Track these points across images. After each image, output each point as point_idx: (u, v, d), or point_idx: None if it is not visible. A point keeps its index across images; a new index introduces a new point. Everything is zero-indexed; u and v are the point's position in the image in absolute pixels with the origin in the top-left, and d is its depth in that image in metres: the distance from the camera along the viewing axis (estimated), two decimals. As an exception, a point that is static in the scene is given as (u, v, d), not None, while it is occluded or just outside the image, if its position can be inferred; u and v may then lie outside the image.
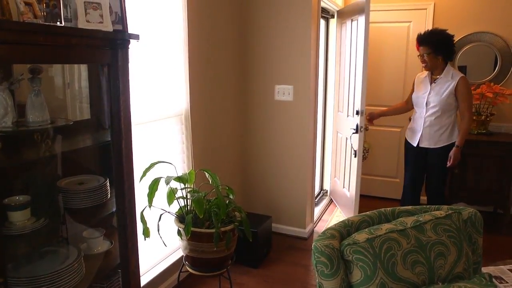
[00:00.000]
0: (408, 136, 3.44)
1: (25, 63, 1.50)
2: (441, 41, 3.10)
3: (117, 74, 1.67)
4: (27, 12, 1.35)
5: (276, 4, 3.42)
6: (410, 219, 1.62)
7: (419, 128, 3.28)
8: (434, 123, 3.18)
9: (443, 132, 3.18)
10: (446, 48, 3.12)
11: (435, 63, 3.13)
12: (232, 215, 2.49)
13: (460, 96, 3.09)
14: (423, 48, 3.12)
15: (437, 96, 3.12)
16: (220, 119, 3.37)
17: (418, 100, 3.28)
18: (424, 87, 3.24)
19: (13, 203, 1.55)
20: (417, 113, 3.30)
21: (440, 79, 3.14)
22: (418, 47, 3.16)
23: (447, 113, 3.15)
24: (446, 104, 3.11)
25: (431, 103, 3.16)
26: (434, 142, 3.22)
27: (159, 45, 2.60)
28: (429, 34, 3.15)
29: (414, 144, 3.31)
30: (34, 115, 1.60)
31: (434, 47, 3.09)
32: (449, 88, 3.08)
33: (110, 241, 1.96)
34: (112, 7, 1.80)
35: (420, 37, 3.16)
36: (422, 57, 3.13)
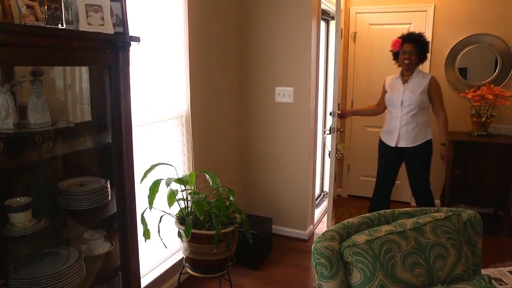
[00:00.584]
0: (384, 138, 3.51)
1: (26, 65, 1.51)
2: (426, 43, 3.28)
3: (118, 76, 1.68)
4: (29, 15, 1.36)
5: (276, 6, 3.43)
6: (410, 221, 1.63)
7: (395, 128, 3.36)
8: (410, 121, 3.28)
9: (419, 130, 3.29)
10: (426, 51, 3.30)
11: (414, 63, 3.28)
12: (232, 216, 2.50)
13: (433, 94, 3.26)
14: (410, 46, 3.23)
15: (412, 95, 3.24)
16: (220, 121, 3.37)
17: (392, 101, 3.36)
18: (397, 88, 3.35)
19: (14, 205, 1.55)
20: (393, 113, 3.38)
21: (413, 79, 3.28)
22: (400, 45, 3.27)
23: (422, 111, 3.28)
24: (421, 102, 3.24)
25: (406, 101, 3.27)
26: (411, 140, 3.31)
27: (160, 47, 2.61)
28: (418, 35, 3.28)
29: (393, 145, 3.39)
30: (35, 117, 1.60)
31: (419, 47, 3.25)
32: (422, 87, 3.23)
33: (110, 242, 1.96)
34: (113, 9, 1.81)
35: (410, 36, 3.28)
36: (408, 54, 3.23)
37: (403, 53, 3.25)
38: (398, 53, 3.32)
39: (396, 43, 3.29)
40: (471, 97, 3.96)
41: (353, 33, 4.59)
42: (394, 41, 3.31)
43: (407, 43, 3.24)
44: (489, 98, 3.85)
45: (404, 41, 3.26)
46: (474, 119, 4.02)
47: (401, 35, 3.31)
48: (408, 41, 3.24)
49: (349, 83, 4.70)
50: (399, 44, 3.27)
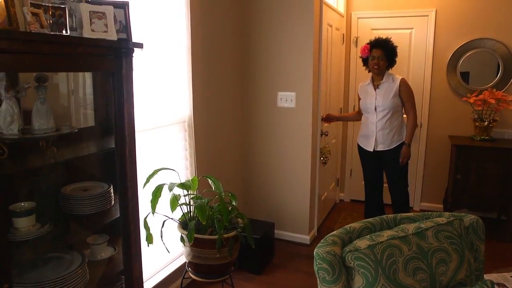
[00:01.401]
0: (362, 143, 3.59)
1: (31, 71, 1.53)
2: (393, 48, 3.36)
3: (121, 82, 1.69)
4: (34, 22, 1.38)
5: (278, 13, 3.45)
6: (412, 226, 1.63)
7: (372, 133, 3.45)
8: (385, 126, 3.37)
9: (394, 132, 3.38)
10: (394, 56, 3.38)
11: (383, 68, 3.35)
12: (234, 221, 2.51)
13: (404, 96, 3.33)
14: (378, 51, 3.31)
15: (385, 99, 3.32)
16: (222, 126, 3.39)
17: (367, 107, 3.45)
18: (369, 94, 3.43)
19: (19, 210, 1.56)
20: (368, 119, 3.47)
21: (383, 83, 3.36)
22: (368, 51, 3.35)
23: (395, 114, 3.36)
24: (394, 106, 3.32)
25: (380, 107, 3.35)
26: (388, 144, 3.40)
27: (162, 53, 2.63)
28: (385, 40, 3.37)
29: (371, 150, 3.48)
30: (39, 123, 1.62)
31: (387, 52, 3.33)
32: (394, 90, 3.31)
33: (113, 247, 1.97)
34: (117, 16, 1.83)
35: (377, 41, 3.37)
36: (377, 59, 3.31)
37: (372, 59, 3.33)
38: (367, 59, 3.40)
39: (364, 49, 3.38)
40: (473, 101, 3.96)
41: (355, 38, 4.61)
42: (362, 47, 3.40)
43: (375, 48, 3.33)
44: (492, 102, 3.85)
45: (372, 47, 3.35)
46: (477, 123, 4.02)
47: (369, 41, 3.41)
48: (376, 46, 3.33)
49: (351, 88, 4.71)
50: (367, 50, 3.36)
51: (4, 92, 1.49)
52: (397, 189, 3.49)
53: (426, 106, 4.41)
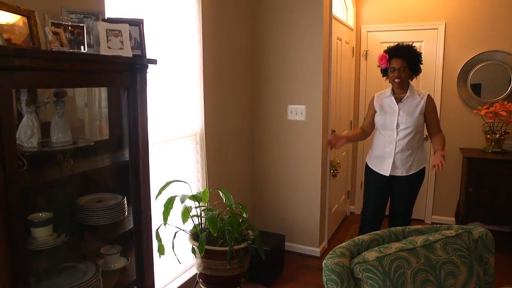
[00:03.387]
0: (374, 165, 3.08)
1: (51, 87, 1.59)
2: (417, 56, 2.87)
3: (135, 97, 1.75)
4: (54, 41, 1.45)
5: (289, 26, 3.51)
6: (420, 238, 1.64)
7: (389, 154, 2.94)
8: (406, 147, 2.88)
9: (415, 156, 2.92)
10: (419, 64, 2.89)
11: (406, 79, 2.88)
12: (245, 233, 2.53)
13: (431, 115, 2.90)
14: (399, 62, 2.82)
15: (409, 116, 2.85)
16: (233, 139, 3.44)
17: (386, 123, 2.94)
18: (391, 108, 2.94)
19: (37, 220, 1.62)
20: (385, 137, 2.95)
21: (408, 97, 2.89)
22: (386, 61, 2.87)
23: (418, 135, 2.91)
24: (418, 124, 2.87)
25: (403, 124, 2.87)
26: (406, 169, 2.93)
27: (175, 68, 2.69)
28: (407, 47, 2.87)
29: (386, 174, 2.96)
30: (57, 136, 1.68)
31: (410, 61, 2.84)
32: (420, 107, 2.85)
33: (126, 257, 2.01)
34: (132, 33, 1.91)
35: (398, 49, 2.87)
36: (398, 71, 2.82)
37: (392, 70, 2.85)
38: (386, 70, 2.93)
39: (382, 58, 2.89)
40: (484, 114, 3.95)
41: (364, 51, 4.65)
42: (380, 56, 2.91)
43: (395, 58, 2.84)
44: (503, 115, 3.83)
45: (391, 57, 2.86)
46: (488, 136, 4.00)
47: (387, 49, 2.92)
48: (395, 56, 2.84)
49: (361, 101, 4.73)
50: (385, 60, 2.87)
51: (25, 107, 1.56)
52: (403, 219, 3.04)
53: (436, 119, 4.40)
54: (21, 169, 1.50)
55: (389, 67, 2.86)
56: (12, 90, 1.29)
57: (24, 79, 1.32)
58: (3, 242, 1.28)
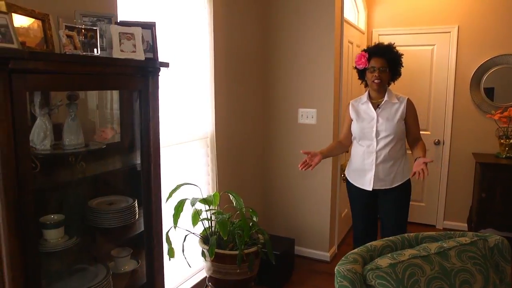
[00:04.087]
0: (355, 180, 2.73)
1: (65, 90, 1.60)
2: (398, 57, 2.59)
3: (147, 100, 1.76)
4: (68, 44, 1.46)
5: (300, 30, 3.50)
6: (434, 245, 1.62)
7: (369, 166, 2.61)
8: (388, 157, 2.57)
9: (398, 166, 2.60)
10: (399, 66, 2.62)
11: (386, 82, 2.60)
12: (255, 237, 2.52)
13: (411, 120, 2.60)
14: (380, 61, 2.52)
15: (389, 123, 2.55)
16: (244, 142, 3.43)
17: (364, 132, 2.62)
18: (368, 115, 2.62)
19: (48, 222, 1.62)
20: (364, 147, 2.63)
21: (386, 102, 2.59)
22: (366, 60, 2.56)
23: (400, 142, 2.60)
24: (399, 131, 2.56)
25: (383, 132, 2.55)
26: (389, 181, 2.60)
27: (186, 71, 2.70)
28: (388, 46, 2.59)
29: (368, 188, 2.63)
30: (70, 138, 1.70)
31: (391, 61, 2.56)
32: (400, 112, 2.56)
33: (136, 260, 2.01)
34: (144, 36, 1.91)
35: (378, 48, 2.59)
36: (378, 72, 2.51)
37: (372, 71, 2.54)
38: (364, 71, 2.61)
39: (361, 57, 2.58)
40: (498, 118, 3.90)
41: (376, 55, 4.61)
42: (358, 56, 2.59)
43: (375, 57, 2.54)
44: (517, 119, 3.78)
45: (371, 55, 2.56)
46: (502, 141, 3.94)
47: (366, 48, 2.64)
48: (376, 54, 2.55)
49: (372, 104, 4.69)
50: (365, 59, 2.57)
51: (38, 109, 1.57)
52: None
53: (448, 123, 4.35)
54: (34, 171, 1.51)
55: (368, 67, 2.56)
56: (26, 92, 1.30)
57: (38, 82, 1.33)
58: (16, 243, 1.28)
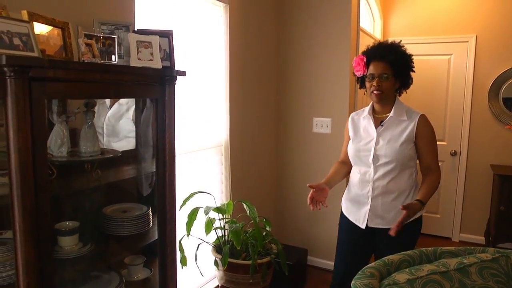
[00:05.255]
0: (348, 211, 2.25)
1: (82, 98, 1.62)
2: (406, 59, 2.05)
3: (164, 108, 1.76)
4: (87, 52, 1.47)
5: (315, 38, 3.49)
6: (453, 261, 1.57)
7: (364, 198, 2.11)
8: (388, 188, 2.03)
9: (404, 200, 2.03)
10: (408, 71, 2.07)
11: (390, 93, 2.05)
12: (268, 247, 2.50)
13: (424, 144, 2.02)
14: (380, 66, 1.99)
15: (390, 145, 2.00)
16: (258, 150, 3.42)
17: (359, 155, 2.11)
18: (366, 133, 2.11)
19: (63, 228, 1.63)
20: (360, 174, 2.13)
21: (391, 118, 2.04)
22: (364, 66, 2.04)
23: (406, 171, 2.04)
24: (405, 157, 2.00)
25: (382, 157, 2.02)
26: (391, 219, 2.02)
27: (201, 79, 2.71)
28: (391, 46, 2.05)
29: (361, 225, 2.12)
30: (86, 146, 1.70)
31: (396, 65, 2.00)
32: (407, 132, 2.00)
33: (149, 268, 2.00)
34: (161, 44, 1.92)
35: (378, 49, 2.04)
36: (379, 79, 1.99)
37: (370, 78, 2.02)
38: (363, 78, 2.10)
39: (358, 62, 2.06)
40: (517, 129, 3.83)
41: (391, 64, 4.57)
42: (356, 60, 2.07)
43: (374, 61, 2.02)
44: (537, 131, 3.70)
45: (370, 59, 2.04)
46: (521, 152, 3.86)
47: (365, 49, 2.09)
48: (375, 58, 2.02)
49: (387, 114, 4.64)
50: (363, 64, 2.04)
51: (56, 116, 1.58)
52: None
53: (465, 134, 4.28)
54: (50, 178, 1.52)
55: (366, 74, 2.04)
56: (45, 100, 1.31)
57: (57, 89, 1.34)
58: (32, 250, 1.28)
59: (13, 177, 1.22)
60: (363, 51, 2.10)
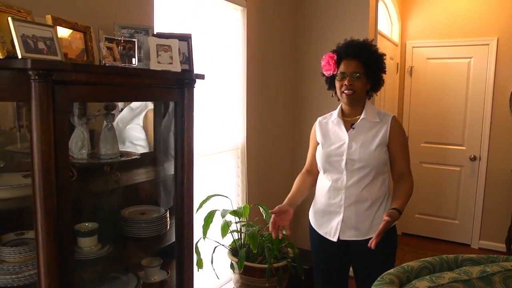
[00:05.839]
0: (317, 225, 2.05)
1: (103, 101, 1.64)
2: (378, 58, 1.93)
3: (183, 111, 1.76)
4: (108, 55, 1.49)
5: (332, 42, 3.46)
6: (476, 269, 1.54)
7: (336, 208, 1.92)
8: (362, 196, 1.85)
9: (378, 209, 1.88)
10: (380, 71, 1.94)
11: (362, 93, 1.90)
12: (284, 251, 2.49)
13: (398, 148, 1.88)
14: (352, 65, 1.87)
15: (364, 149, 1.85)
16: (274, 155, 3.41)
17: (330, 160, 1.92)
18: (337, 137, 1.94)
19: (83, 230, 1.65)
20: (330, 181, 1.93)
21: (362, 121, 1.91)
22: (334, 64, 1.92)
23: (380, 177, 1.89)
24: (380, 162, 1.86)
25: (356, 162, 1.85)
26: (365, 230, 1.87)
27: (219, 82, 2.72)
28: (363, 44, 1.93)
29: (332, 238, 1.92)
30: (106, 148, 1.72)
31: (368, 64, 1.88)
32: (380, 135, 1.86)
33: (166, 271, 2.01)
34: (180, 48, 1.93)
35: (350, 47, 1.92)
36: (350, 79, 1.85)
37: (341, 77, 1.89)
38: (333, 78, 1.95)
39: (328, 60, 1.94)
40: (540, 135, 3.73)
41: (409, 68, 4.52)
42: (325, 58, 1.96)
43: (346, 59, 1.90)
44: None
45: (340, 57, 1.93)
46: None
47: (336, 47, 1.98)
48: (347, 56, 1.90)
49: (405, 119, 4.59)
50: (333, 63, 1.92)
51: (77, 119, 1.60)
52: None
53: (485, 139, 4.20)
54: (71, 179, 1.54)
55: (337, 73, 1.91)
56: (67, 103, 1.32)
57: (78, 92, 1.36)
58: (53, 251, 1.30)
59: (36, 178, 1.23)
60: (333, 49, 1.99)
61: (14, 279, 1.36)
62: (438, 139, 4.43)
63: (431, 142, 4.47)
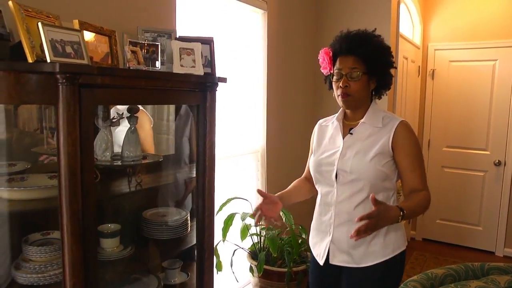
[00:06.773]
0: (311, 242, 1.79)
1: (127, 104, 1.66)
2: (382, 51, 1.62)
3: (205, 114, 1.77)
4: (132, 59, 1.51)
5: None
6: (504, 279, 1.50)
7: (326, 227, 1.65)
8: (356, 215, 1.36)
9: (376, 234, 1.54)
10: (386, 68, 1.64)
11: (361, 96, 1.60)
12: (304, 255, 2.47)
13: (405, 159, 1.54)
14: (349, 61, 1.57)
15: (358, 159, 1.55)
16: (294, 158, 3.39)
17: (320, 170, 1.67)
18: (331, 144, 1.68)
19: (106, 231, 1.67)
20: (322, 195, 1.71)
21: (362, 125, 1.61)
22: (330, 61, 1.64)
23: (381, 194, 1.56)
24: (376, 175, 1.54)
25: (347, 174, 1.56)
26: (358, 257, 1.57)
27: (240, 86, 2.72)
28: (360, 37, 1.60)
29: (320, 261, 1.66)
30: (129, 151, 1.74)
31: (369, 60, 1.57)
32: (380, 143, 1.55)
33: (186, 273, 2.02)
34: (203, 51, 1.94)
35: (347, 40, 1.60)
36: (346, 79, 1.56)
37: (336, 78, 1.61)
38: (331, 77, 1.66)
39: (324, 57, 1.66)
40: None
41: (431, 71, 4.45)
42: (320, 54, 1.68)
43: (342, 55, 1.60)
44: None
45: (337, 53, 1.63)
46: None
47: (333, 40, 1.67)
48: (342, 51, 1.60)
49: (426, 123, 4.51)
50: (329, 59, 1.64)
51: (101, 121, 1.63)
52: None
53: (511, 143, 4.09)
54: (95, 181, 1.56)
55: (333, 72, 1.64)
56: (93, 106, 1.34)
57: (104, 95, 1.37)
58: (78, 252, 1.32)
59: (62, 180, 1.25)
60: (331, 43, 1.68)
61: (40, 278, 1.39)
62: (461, 143, 4.34)
63: (453, 147, 4.39)
